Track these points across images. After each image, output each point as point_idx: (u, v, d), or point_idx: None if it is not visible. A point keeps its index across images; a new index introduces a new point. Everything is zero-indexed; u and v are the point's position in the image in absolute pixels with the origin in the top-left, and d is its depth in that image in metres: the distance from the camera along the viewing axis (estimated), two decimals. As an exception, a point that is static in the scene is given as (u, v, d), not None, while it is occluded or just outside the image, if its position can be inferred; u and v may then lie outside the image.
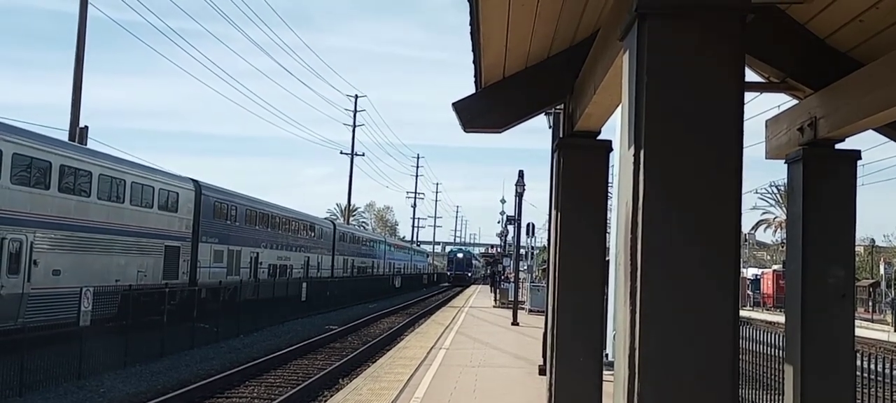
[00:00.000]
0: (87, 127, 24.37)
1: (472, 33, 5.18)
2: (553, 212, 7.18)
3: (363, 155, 66.96)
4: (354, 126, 64.81)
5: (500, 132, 6.86)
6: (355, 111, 64.98)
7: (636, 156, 3.38)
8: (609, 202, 8.32)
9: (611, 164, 8.38)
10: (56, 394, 14.34)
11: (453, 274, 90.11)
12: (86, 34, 25.04)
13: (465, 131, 6.71)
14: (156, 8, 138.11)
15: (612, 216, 8.42)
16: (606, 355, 9.74)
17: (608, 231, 7.90)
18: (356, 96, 65.45)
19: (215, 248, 28.50)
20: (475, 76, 6.30)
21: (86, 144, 23.43)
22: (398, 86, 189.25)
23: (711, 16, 3.32)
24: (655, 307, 3.35)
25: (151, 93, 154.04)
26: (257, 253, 33.29)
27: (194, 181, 27.26)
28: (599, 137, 6.87)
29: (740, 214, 3.46)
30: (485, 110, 6.69)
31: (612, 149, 6.78)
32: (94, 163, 20.65)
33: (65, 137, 22.94)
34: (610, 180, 8.15)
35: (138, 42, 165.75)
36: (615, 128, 7.45)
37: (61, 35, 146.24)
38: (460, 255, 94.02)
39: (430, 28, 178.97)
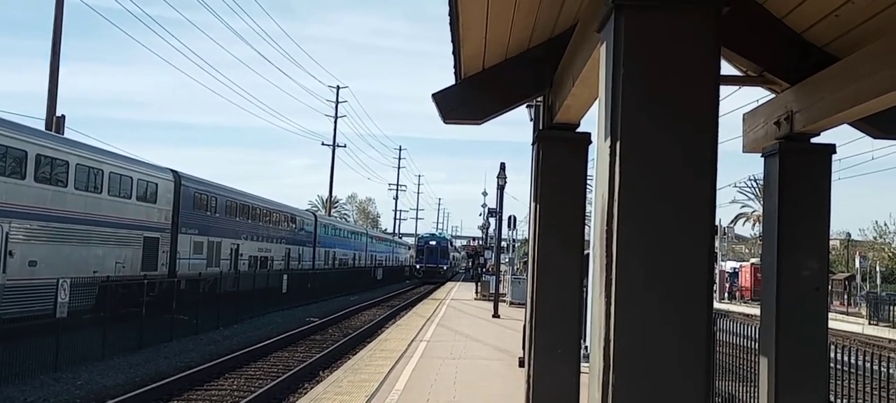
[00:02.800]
0: (64, 116, 24.06)
1: (451, 23, 5.16)
2: (533, 204, 7.19)
3: (345, 146, 66.95)
4: (336, 117, 64.63)
5: (479, 124, 6.85)
6: (337, 102, 64.78)
7: (612, 147, 3.39)
8: (588, 194, 8.35)
9: (591, 158, 8.40)
10: (32, 387, 14.17)
11: (423, 266, 68.84)
12: (62, 21, 24.70)
13: (444, 123, 6.69)
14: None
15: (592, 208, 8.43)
16: (585, 347, 9.78)
17: (587, 223, 7.92)
18: (338, 87, 65.21)
19: (195, 240, 28.29)
20: (455, 67, 6.28)
21: (63, 133, 23.14)
22: (380, 78, 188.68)
23: (687, 8, 3.33)
24: (630, 299, 3.36)
25: (130, 82, 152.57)
26: (238, 245, 33.10)
27: (174, 171, 27.03)
28: (579, 130, 6.88)
29: (715, 207, 3.48)
30: (465, 102, 6.68)
31: (591, 142, 6.79)
32: (72, 153, 20.41)
33: (41, 126, 22.64)
34: (589, 173, 8.16)
35: (116, 30, 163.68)
36: (594, 121, 7.46)
37: (38, 22, 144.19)
38: (433, 243, 71.33)
39: (413, 19, 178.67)
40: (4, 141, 17.48)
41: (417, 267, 71.15)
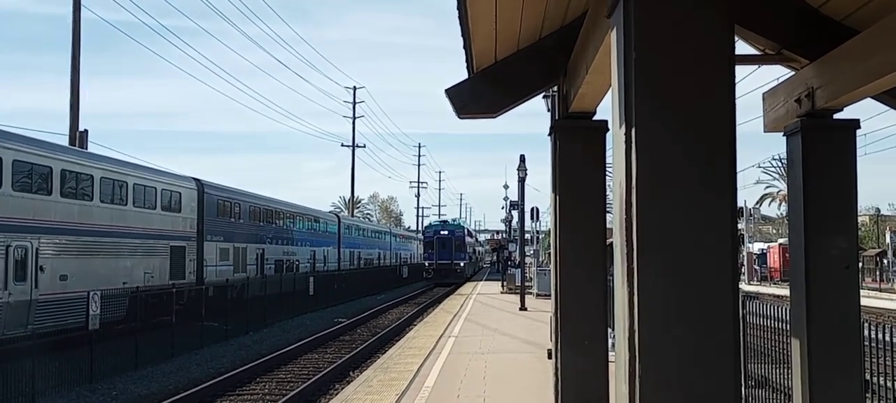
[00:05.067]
0: (86, 130, 24.40)
1: (459, 17, 5.11)
2: (553, 195, 7.13)
3: (364, 146, 66.93)
4: (354, 118, 64.77)
5: (494, 117, 6.81)
6: (355, 103, 64.92)
7: (628, 134, 3.34)
8: (608, 182, 8.26)
9: (609, 146, 8.32)
10: (69, 399, 14.41)
11: (434, 264, 53.99)
12: (80, 37, 25.00)
13: (459, 117, 6.65)
14: (150, 8, 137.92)
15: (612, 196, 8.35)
16: (612, 337, 9.70)
17: (609, 211, 7.85)
18: (354, 88, 65.27)
19: (220, 246, 28.53)
20: (466, 61, 6.23)
21: (86, 148, 23.44)
22: (397, 76, 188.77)
23: (698, -12, 3.27)
24: (653, 286, 3.31)
25: (150, 93, 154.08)
26: (263, 250, 33.33)
27: (197, 180, 27.27)
28: (596, 118, 6.80)
29: (736, 188, 3.41)
30: (478, 95, 6.63)
31: (608, 130, 6.72)
32: (96, 167, 20.67)
33: (65, 142, 22.95)
34: (608, 161, 8.08)
35: (134, 43, 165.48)
36: (610, 108, 7.38)
37: (58, 39, 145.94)
38: (444, 233, 55.25)
39: (427, 15, 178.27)
40: (30, 158, 17.74)
41: (427, 264, 55.79)
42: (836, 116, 5.61)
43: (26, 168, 17.66)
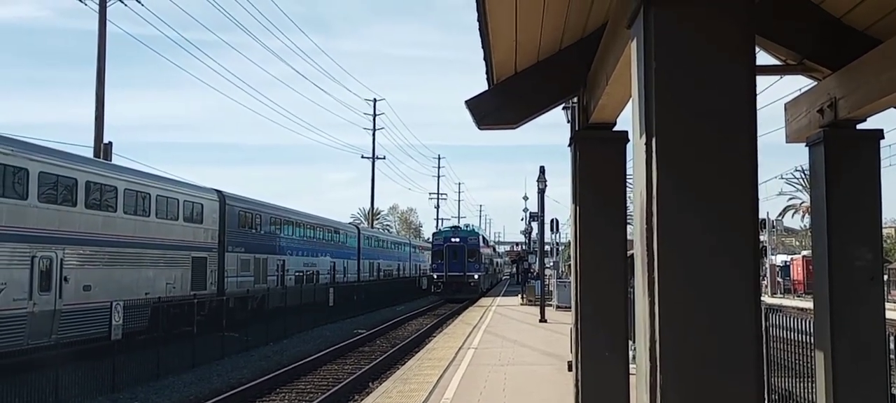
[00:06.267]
0: (111, 142, 24.73)
1: (480, 29, 5.14)
2: (573, 206, 7.12)
3: (384, 158, 66.91)
4: (374, 129, 64.99)
5: (514, 128, 6.81)
6: (375, 114, 65.15)
7: (648, 144, 3.33)
8: (628, 193, 8.23)
9: (629, 157, 8.30)
10: (91, 408, 14.54)
11: (444, 276, 47.18)
12: (105, 51, 25.37)
13: (479, 128, 6.67)
14: (173, 21, 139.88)
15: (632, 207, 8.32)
16: (633, 348, 9.64)
17: (630, 222, 7.82)
18: (375, 100, 65.50)
19: (242, 257, 28.72)
20: (487, 72, 6.26)
21: (110, 160, 23.74)
22: (417, 88, 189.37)
23: (718, -1, 3.27)
24: (674, 297, 3.29)
25: (173, 105, 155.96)
26: (283, 261, 33.50)
27: (218, 191, 27.50)
28: (616, 129, 6.79)
29: (757, 199, 3.39)
30: (498, 106, 6.65)
31: (628, 140, 6.71)
32: (119, 178, 20.93)
33: (90, 154, 23.26)
34: (629, 171, 8.06)
35: (158, 56, 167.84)
36: (630, 119, 7.37)
37: (85, 53, 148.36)
38: (456, 240, 48.39)
39: (447, 28, 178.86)
40: (55, 170, 18.00)
41: (435, 277, 48.43)
42: (859, 126, 5.56)
43: (52, 179, 17.92)
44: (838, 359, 5.51)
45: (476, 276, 47.84)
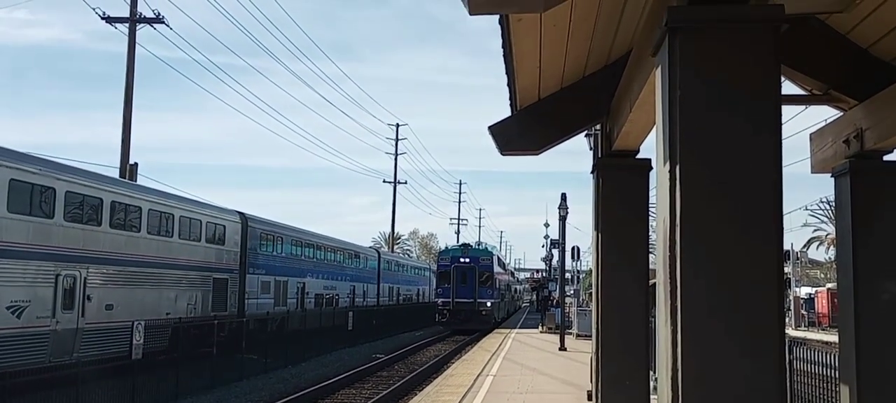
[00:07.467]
0: (136, 163, 25.02)
1: (504, 55, 5.18)
2: (595, 234, 7.10)
3: (406, 183, 66.85)
4: (397, 154, 65.19)
5: (537, 154, 6.83)
6: (397, 139, 65.41)
7: (672, 172, 3.33)
8: (651, 221, 8.20)
9: (652, 185, 8.27)
10: (110, 427, 14.58)
11: (451, 303, 39.94)
12: (134, 74, 25.81)
13: (502, 154, 6.70)
14: (201, 45, 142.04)
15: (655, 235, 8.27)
16: (654, 378, 9.54)
17: (652, 251, 7.78)
18: (397, 125, 65.82)
19: (262, 279, 28.83)
20: (510, 98, 6.29)
21: (136, 180, 24.02)
22: (440, 113, 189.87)
23: (743, 28, 3.27)
24: (697, 327, 3.27)
25: (199, 128, 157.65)
26: (304, 283, 33.57)
27: (240, 213, 27.68)
28: (639, 156, 6.78)
29: (782, 230, 3.37)
30: (521, 133, 6.67)
31: (651, 168, 6.69)
32: (144, 199, 21.15)
33: (116, 174, 23.57)
34: (651, 200, 8.03)
35: (185, 79, 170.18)
36: (653, 146, 7.35)
37: (115, 75, 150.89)
38: (464, 260, 40.87)
39: (472, 54, 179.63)
40: (81, 189, 18.24)
41: (439, 304, 41.05)
42: (886, 158, 5.51)
43: (78, 199, 18.15)
44: (864, 394, 5.42)
45: (488, 304, 40.50)
